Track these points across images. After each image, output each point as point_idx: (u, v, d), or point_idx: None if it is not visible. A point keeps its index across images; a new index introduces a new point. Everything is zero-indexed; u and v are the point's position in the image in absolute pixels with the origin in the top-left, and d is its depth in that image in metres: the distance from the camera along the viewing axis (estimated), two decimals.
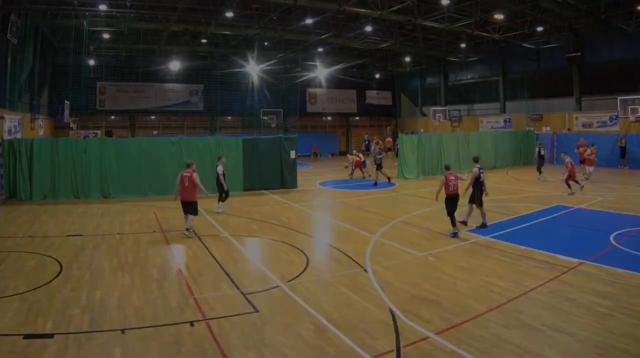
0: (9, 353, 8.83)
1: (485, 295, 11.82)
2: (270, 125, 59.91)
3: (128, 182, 27.87)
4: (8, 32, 30.93)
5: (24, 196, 26.43)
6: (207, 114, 60.48)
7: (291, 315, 10.74)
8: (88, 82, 50.93)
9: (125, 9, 36.37)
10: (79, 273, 13.68)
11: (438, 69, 63.49)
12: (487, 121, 56.83)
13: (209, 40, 49.20)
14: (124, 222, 21.16)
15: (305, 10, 38.31)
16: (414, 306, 11.18)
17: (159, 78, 57.28)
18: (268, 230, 19.51)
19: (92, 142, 29.07)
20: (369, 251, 16.06)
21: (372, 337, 9.61)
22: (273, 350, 9.11)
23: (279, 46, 51.33)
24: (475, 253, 15.64)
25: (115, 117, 57.88)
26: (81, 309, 10.96)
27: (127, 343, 9.33)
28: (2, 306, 11.05)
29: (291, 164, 31.46)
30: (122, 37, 45.57)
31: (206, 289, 12.44)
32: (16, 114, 33.18)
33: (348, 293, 12.10)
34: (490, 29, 43.63)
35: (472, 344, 9.20)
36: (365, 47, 51.91)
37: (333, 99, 68.37)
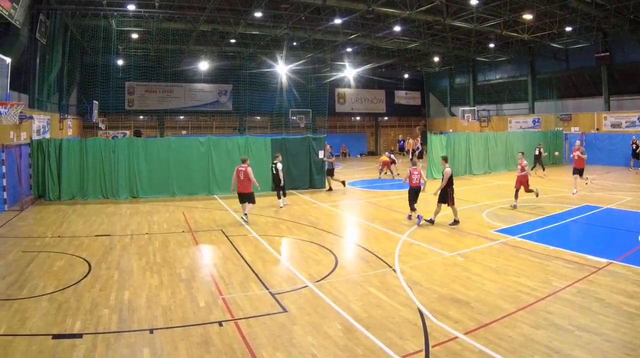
0: (38, 353, 8.83)
1: (513, 295, 11.70)
2: (299, 125, 59.97)
3: (157, 182, 27.93)
4: (37, 32, 31.10)
5: (53, 196, 26.52)
6: (236, 114, 60.74)
7: (319, 315, 10.69)
8: (117, 82, 51.40)
9: (154, 9, 36.54)
10: (108, 273, 13.70)
11: (467, 69, 63.30)
12: (516, 121, 56.59)
13: (238, 40, 49.24)
14: (152, 222, 21.18)
15: (334, 10, 38.35)
16: (443, 306, 11.08)
17: (188, 78, 57.58)
18: (296, 230, 19.47)
19: (120, 142, 29.03)
20: (397, 251, 15.98)
21: (401, 337, 9.53)
22: (301, 350, 9.05)
23: (307, 46, 51.40)
24: (504, 254, 15.50)
25: (143, 117, 58.26)
26: (110, 309, 10.96)
27: (155, 343, 9.32)
28: (31, 306, 11.08)
29: (319, 164, 31.40)
30: (150, 37, 45.77)
31: (235, 289, 12.39)
32: (45, 113, 33.38)
33: (376, 293, 12.03)
34: (519, 29, 43.49)
35: (500, 344, 9.11)
36: (394, 47, 51.83)
37: (362, 99, 68.36)
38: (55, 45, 35.56)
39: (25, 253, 15.55)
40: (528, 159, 29.85)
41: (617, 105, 46.76)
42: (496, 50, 52.93)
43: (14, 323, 10.09)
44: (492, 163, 39.95)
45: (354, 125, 69.32)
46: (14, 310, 10.84)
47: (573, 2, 35.70)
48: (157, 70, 54.52)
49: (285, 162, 28.72)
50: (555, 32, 43.28)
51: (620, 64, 45.13)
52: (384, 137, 69.55)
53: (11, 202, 24.12)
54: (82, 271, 13.82)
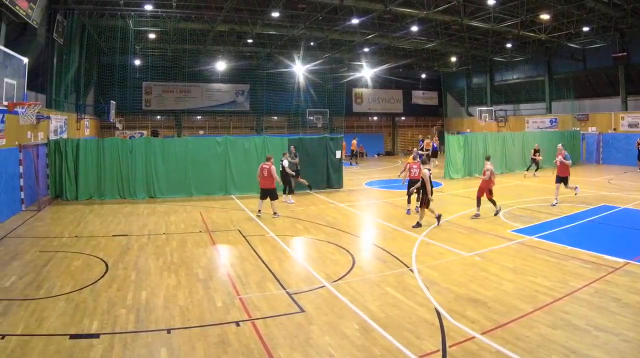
0: (55, 353, 8.84)
1: (530, 295, 11.68)
2: (316, 125, 59.93)
3: (174, 183, 27.90)
4: (54, 32, 31.20)
5: (70, 196, 26.56)
6: (253, 114, 60.76)
7: (337, 315, 10.68)
8: (134, 81, 51.39)
9: (171, 9, 36.61)
10: (125, 273, 13.72)
11: (484, 69, 63.06)
12: (533, 121, 56.39)
13: (255, 40, 49.18)
14: (169, 222, 21.21)
15: (351, 10, 38.27)
16: (460, 306, 11.08)
17: (205, 78, 57.63)
18: (314, 230, 19.45)
19: (138, 142, 29.07)
20: (414, 251, 15.97)
21: (418, 336, 9.53)
22: (319, 350, 9.07)
23: (325, 46, 51.38)
24: (521, 254, 15.46)
25: (161, 117, 58.37)
26: (127, 309, 10.98)
27: (172, 343, 9.34)
28: (48, 306, 11.10)
29: (337, 163, 31.32)
30: (167, 37, 45.90)
31: (252, 289, 12.39)
32: (62, 113, 33.46)
33: (394, 293, 12.02)
34: (536, 28, 43.28)
35: (517, 344, 9.11)
36: (411, 47, 51.72)
37: (379, 99, 68.21)
38: (73, 45, 35.67)
39: (43, 253, 15.59)
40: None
41: (634, 105, 46.49)
42: (513, 50, 52.75)
43: (32, 323, 10.11)
44: (509, 163, 39.93)
45: (371, 125, 69.21)
46: (32, 310, 10.86)
47: (590, 2, 35.52)
48: (175, 70, 54.69)
49: (302, 162, 28.75)
50: (572, 32, 43.09)
51: (637, 63, 44.84)
52: (401, 137, 69.49)
53: (28, 202, 24.20)
54: (99, 271, 13.85)
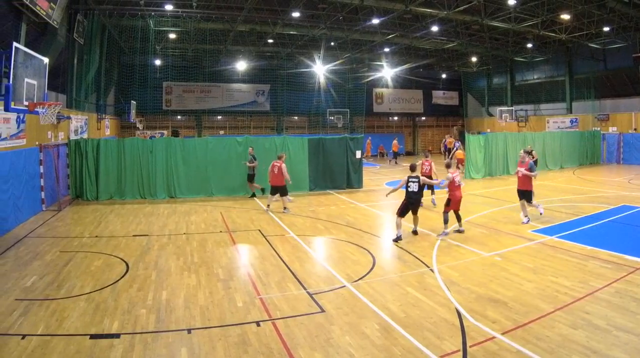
0: (75, 353, 8.88)
1: (551, 295, 11.70)
2: (337, 125, 59.95)
3: (194, 182, 27.90)
4: (74, 32, 31.33)
5: (91, 196, 26.63)
6: (274, 114, 60.94)
7: (357, 315, 10.69)
8: (154, 81, 51.76)
9: (192, 9, 36.71)
10: (145, 273, 13.76)
11: (504, 69, 62.92)
12: (554, 121, 56.18)
13: (276, 40, 49.39)
14: (190, 222, 21.24)
15: (372, 10, 38.31)
16: (480, 306, 11.12)
17: (226, 78, 57.87)
18: (334, 230, 19.43)
19: (158, 142, 29.09)
20: (435, 251, 15.97)
21: (438, 336, 9.57)
22: (339, 350, 9.10)
23: (345, 46, 51.29)
24: (542, 254, 15.42)
25: (181, 117, 58.56)
26: (147, 309, 11.02)
27: (193, 343, 9.37)
28: (68, 306, 11.13)
29: (357, 163, 31.24)
30: (188, 37, 45.98)
31: (272, 289, 12.40)
32: (83, 113, 33.65)
33: (414, 293, 12.02)
34: (557, 29, 43.15)
35: (538, 344, 9.11)
36: (431, 47, 51.72)
37: (399, 99, 68.22)
38: (93, 45, 35.82)
39: (63, 253, 15.63)
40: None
41: None
42: (534, 50, 52.57)
43: (52, 323, 10.16)
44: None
45: (391, 125, 69.22)
46: (52, 310, 10.91)
47: (610, 2, 35.43)
48: (195, 70, 54.97)
49: (322, 162, 28.78)
50: (592, 32, 42.91)
51: None
52: (421, 137, 69.45)
53: (49, 202, 24.27)
54: (119, 271, 13.90)
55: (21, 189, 20.65)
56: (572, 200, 25.04)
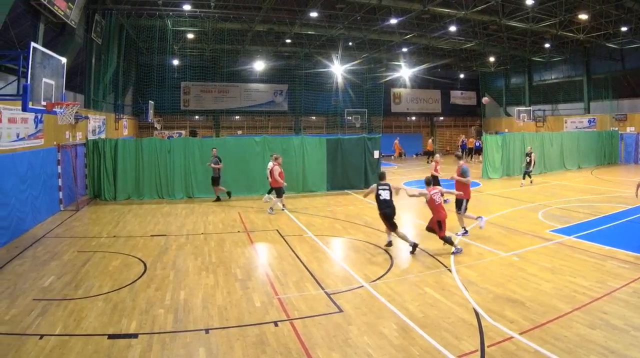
0: (93, 353, 8.91)
1: (569, 295, 11.68)
2: (355, 125, 60.00)
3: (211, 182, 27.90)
4: (92, 32, 31.46)
5: (108, 196, 26.68)
6: (292, 114, 60.98)
7: (375, 315, 10.70)
8: (172, 81, 51.95)
9: (210, 9, 36.77)
10: (163, 273, 13.79)
11: (522, 69, 62.67)
12: (572, 121, 55.95)
13: (293, 40, 49.43)
14: (208, 222, 21.26)
15: (390, 10, 38.25)
16: (498, 306, 11.11)
17: (243, 78, 57.95)
18: (352, 230, 19.43)
19: (176, 142, 29.21)
20: (453, 251, 15.87)
21: (456, 337, 9.56)
22: (357, 350, 9.09)
23: (363, 46, 51.27)
24: (559, 254, 15.38)
25: (199, 117, 58.67)
26: (165, 309, 11.04)
27: (211, 343, 9.38)
28: (86, 306, 11.16)
29: (375, 163, 31.12)
30: (206, 37, 46.13)
31: (290, 289, 12.41)
32: (100, 113, 33.75)
33: (432, 293, 12.03)
34: (575, 29, 42.96)
35: (556, 344, 9.10)
36: (449, 47, 51.56)
37: (417, 99, 68.07)
38: (111, 45, 35.98)
39: (81, 253, 15.65)
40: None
41: None
42: (552, 50, 52.36)
43: (70, 323, 10.19)
44: (547, 163, 39.67)
45: (409, 125, 69.04)
46: (70, 310, 10.94)
47: (628, 2, 35.32)
48: (213, 70, 55.18)
49: (340, 162, 28.79)
50: (610, 32, 42.66)
51: None
52: (439, 137, 69.13)
53: (67, 202, 24.35)
54: (137, 271, 13.94)
55: (39, 189, 20.71)
56: (590, 200, 24.97)
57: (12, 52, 19.39)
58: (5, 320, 10.33)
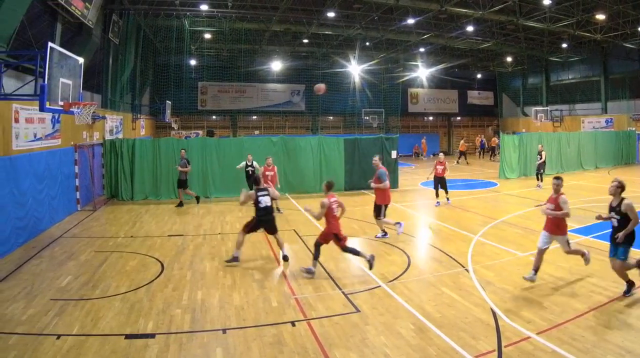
0: (110, 353, 8.95)
1: (586, 295, 11.73)
2: (372, 125, 59.98)
3: (229, 182, 27.80)
4: (110, 32, 31.58)
5: (126, 196, 26.75)
6: (309, 114, 61.18)
7: (392, 315, 10.75)
8: (189, 81, 52.06)
9: (227, 9, 36.85)
10: (180, 273, 13.85)
11: (540, 69, 62.50)
12: (589, 121, 55.80)
13: (311, 40, 49.46)
14: (225, 222, 21.38)
15: (407, 10, 38.19)
16: (515, 306, 11.17)
17: (261, 78, 58.13)
18: (369, 230, 19.38)
19: (193, 142, 29.38)
20: (470, 251, 15.97)
21: (473, 336, 9.59)
22: (374, 350, 9.13)
23: (380, 46, 51.27)
24: None
25: (216, 117, 58.90)
26: (182, 309, 11.09)
27: (228, 343, 9.43)
28: (104, 306, 11.22)
29: (392, 163, 30.93)
30: (223, 37, 46.23)
31: (307, 289, 12.44)
32: (118, 114, 33.87)
33: (449, 293, 12.07)
34: (592, 29, 42.87)
35: (573, 344, 9.11)
36: (466, 47, 51.52)
37: (435, 99, 67.97)
38: (128, 45, 36.12)
39: (98, 253, 15.69)
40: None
41: None
42: (569, 50, 52.34)
43: (87, 323, 10.25)
44: (564, 163, 39.67)
45: (426, 125, 68.96)
46: (87, 310, 11.00)
47: None
48: (230, 70, 55.23)
49: (358, 162, 28.84)
50: (627, 32, 42.52)
51: None
52: (456, 137, 68.78)
53: (84, 202, 24.43)
54: (154, 271, 14.00)
55: (56, 189, 20.77)
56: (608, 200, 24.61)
57: (30, 52, 19.46)
58: (22, 320, 10.38)
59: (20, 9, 17.77)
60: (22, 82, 18.51)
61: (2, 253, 15.51)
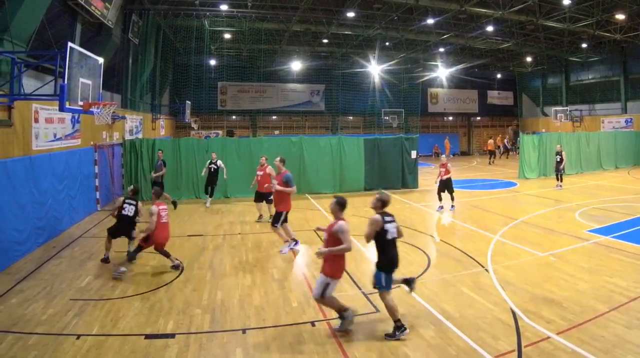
0: (130, 353, 9.01)
1: (606, 295, 11.71)
2: (392, 125, 59.87)
3: (249, 182, 27.63)
4: (129, 32, 31.67)
5: (146, 196, 26.44)
6: (329, 114, 61.05)
7: (412, 315, 10.80)
8: (209, 81, 52.39)
9: (246, 9, 36.90)
10: (200, 273, 13.90)
11: (559, 69, 62.26)
12: (609, 121, 55.57)
13: (330, 40, 49.45)
14: (245, 222, 21.42)
15: (427, 10, 38.16)
16: (535, 306, 11.14)
17: (281, 78, 58.19)
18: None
19: (213, 142, 29.47)
20: (490, 251, 15.95)
21: (493, 336, 9.63)
22: (394, 350, 9.21)
23: (400, 46, 51.18)
24: (597, 254, 15.36)
25: (236, 117, 58.97)
26: (202, 309, 11.14)
27: (248, 343, 9.50)
28: (123, 306, 11.27)
29: (412, 163, 31.17)
30: (243, 37, 46.32)
31: None
32: (137, 114, 33.88)
33: (469, 293, 12.12)
34: (612, 28, 42.66)
35: (593, 344, 9.13)
36: (486, 47, 51.34)
37: (454, 99, 67.80)
38: (148, 45, 36.22)
39: (118, 253, 15.62)
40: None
41: None
42: (589, 50, 52.17)
43: (107, 323, 10.31)
44: (584, 163, 39.62)
45: (446, 125, 68.74)
46: (107, 310, 11.07)
47: None
48: (250, 70, 55.58)
49: (378, 162, 28.79)
50: None
51: None
52: (476, 138, 68.82)
53: (104, 202, 24.45)
54: (174, 271, 14.04)
55: (76, 189, 20.83)
56: (628, 200, 24.83)
57: (49, 52, 19.46)
58: (42, 320, 10.43)
59: (40, 9, 17.83)
60: (41, 82, 18.54)
61: (22, 253, 15.58)
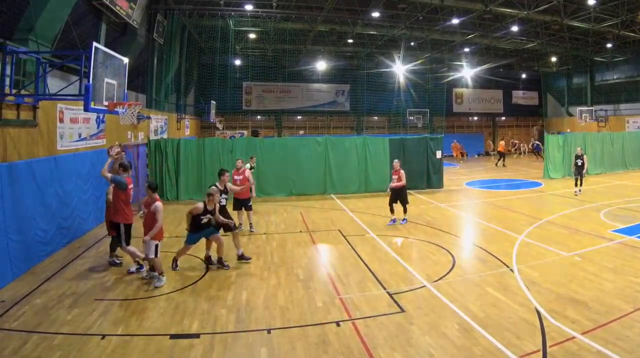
0: (155, 353, 9.04)
1: (631, 295, 11.59)
2: (417, 125, 59.78)
3: (274, 182, 27.91)
4: (154, 32, 31.81)
5: (171, 196, 26.76)
6: (354, 114, 60.92)
7: (437, 315, 10.76)
8: (234, 81, 52.48)
9: (271, 9, 36.99)
10: (225, 273, 13.92)
11: (584, 69, 61.95)
12: (634, 121, 55.23)
13: (355, 40, 49.47)
14: (269, 222, 21.38)
15: (452, 10, 38.12)
16: (560, 306, 11.06)
17: (305, 78, 58.19)
18: (414, 230, 19.30)
19: (238, 142, 29.46)
20: (515, 251, 15.85)
21: (518, 337, 9.56)
22: (419, 350, 9.17)
23: (425, 46, 51.15)
24: (622, 254, 15.25)
25: (261, 117, 58.98)
26: (227, 309, 11.14)
27: (272, 343, 9.50)
28: (148, 306, 11.31)
29: (437, 163, 31.05)
30: (268, 37, 46.39)
31: (352, 289, 12.42)
32: (162, 113, 33.97)
33: (494, 293, 12.04)
34: (637, 28, 42.46)
35: (618, 344, 9.06)
36: (511, 47, 51.20)
37: (479, 99, 67.59)
38: (173, 45, 36.36)
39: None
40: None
41: None
42: (613, 50, 51.97)
43: (132, 323, 10.34)
44: (608, 163, 39.38)
45: (471, 125, 68.65)
46: (132, 310, 11.11)
47: None
48: (275, 70, 55.55)
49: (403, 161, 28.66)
50: None
51: None
52: (501, 138, 68.18)
53: None
54: (199, 271, 14.10)
55: (101, 189, 20.83)
56: None
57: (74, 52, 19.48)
58: (67, 320, 10.46)
59: (65, 9, 17.90)
60: (66, 82, 18.61)
61: (48, 253, 15.63)
